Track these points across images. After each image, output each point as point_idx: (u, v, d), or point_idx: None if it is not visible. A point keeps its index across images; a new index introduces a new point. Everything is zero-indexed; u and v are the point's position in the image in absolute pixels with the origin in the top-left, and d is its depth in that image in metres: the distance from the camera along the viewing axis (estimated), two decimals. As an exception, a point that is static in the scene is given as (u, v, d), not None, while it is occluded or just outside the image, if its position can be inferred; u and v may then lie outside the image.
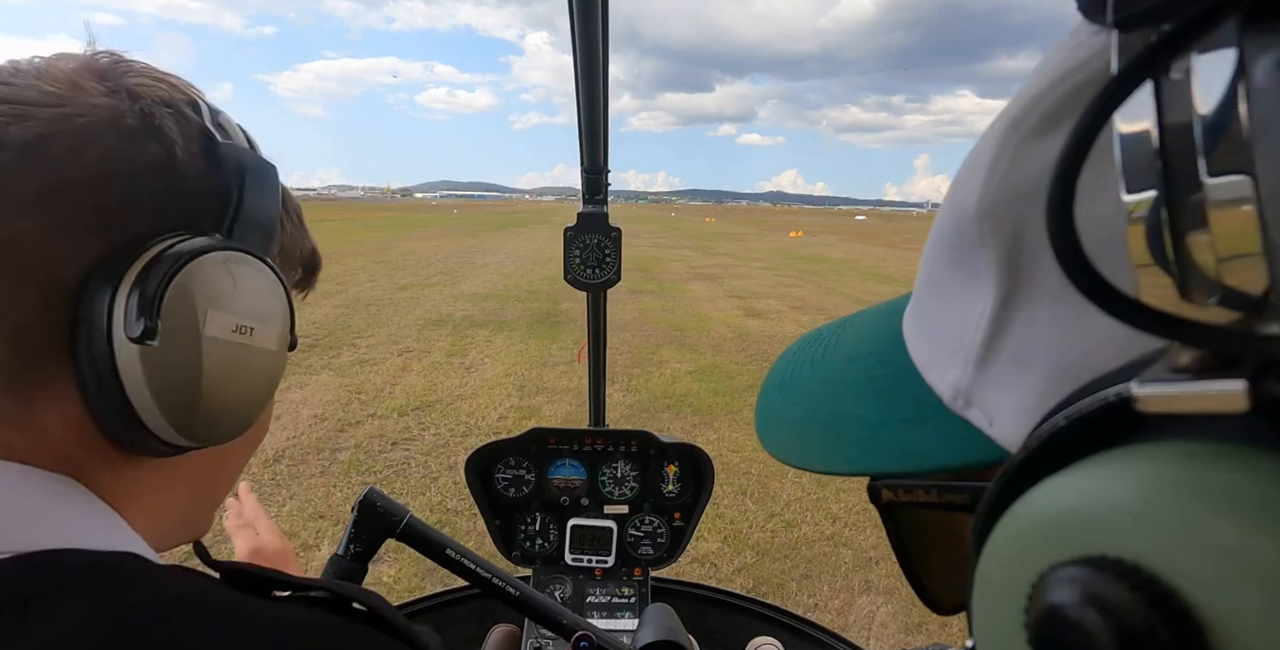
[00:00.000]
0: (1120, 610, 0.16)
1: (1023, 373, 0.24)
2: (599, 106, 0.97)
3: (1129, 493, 0.17)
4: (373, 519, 0.78)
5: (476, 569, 0.80)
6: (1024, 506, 0.20)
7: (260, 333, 0.41)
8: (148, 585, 0.34)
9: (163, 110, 0.39)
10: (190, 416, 0.38)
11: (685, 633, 1.02)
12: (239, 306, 0.39)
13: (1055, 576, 0.18)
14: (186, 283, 0.36)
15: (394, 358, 7.09)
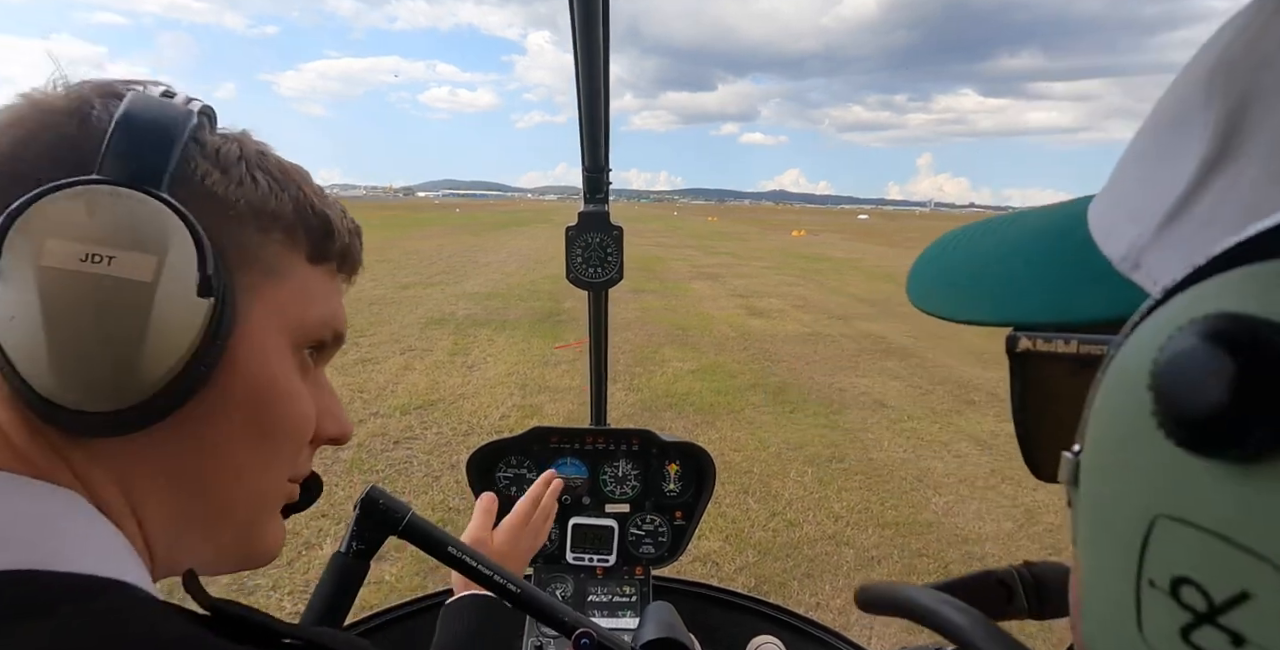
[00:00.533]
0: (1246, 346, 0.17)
1: (1204, 235, 0.25)
2: (600, 106, 0.97)
3: None
4: (375, 517, 0.78)
5: (478, 566, 0.80)
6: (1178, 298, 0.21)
7: (124, 262, 0.36)
8: (117, 621, 0.32)
9: (96, 95, 0.39)
10: (59, 363, 0.35)
11: (686, 631, 1.02)
12: (90, 234, 0.35)
13: (1188, 328, 0.19)
14: (30, 216, 0.35)
15: (396, 356, 7.10)
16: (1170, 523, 0.20)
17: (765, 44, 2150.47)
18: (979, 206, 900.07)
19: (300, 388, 0.46)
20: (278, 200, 0.44)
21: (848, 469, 4.60)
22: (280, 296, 0.44)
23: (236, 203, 0.42)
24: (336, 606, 0.75)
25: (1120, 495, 0.22)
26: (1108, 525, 0.23)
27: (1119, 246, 0.29)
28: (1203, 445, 0.19)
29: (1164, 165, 0.27)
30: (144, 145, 0.38)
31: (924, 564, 3.42)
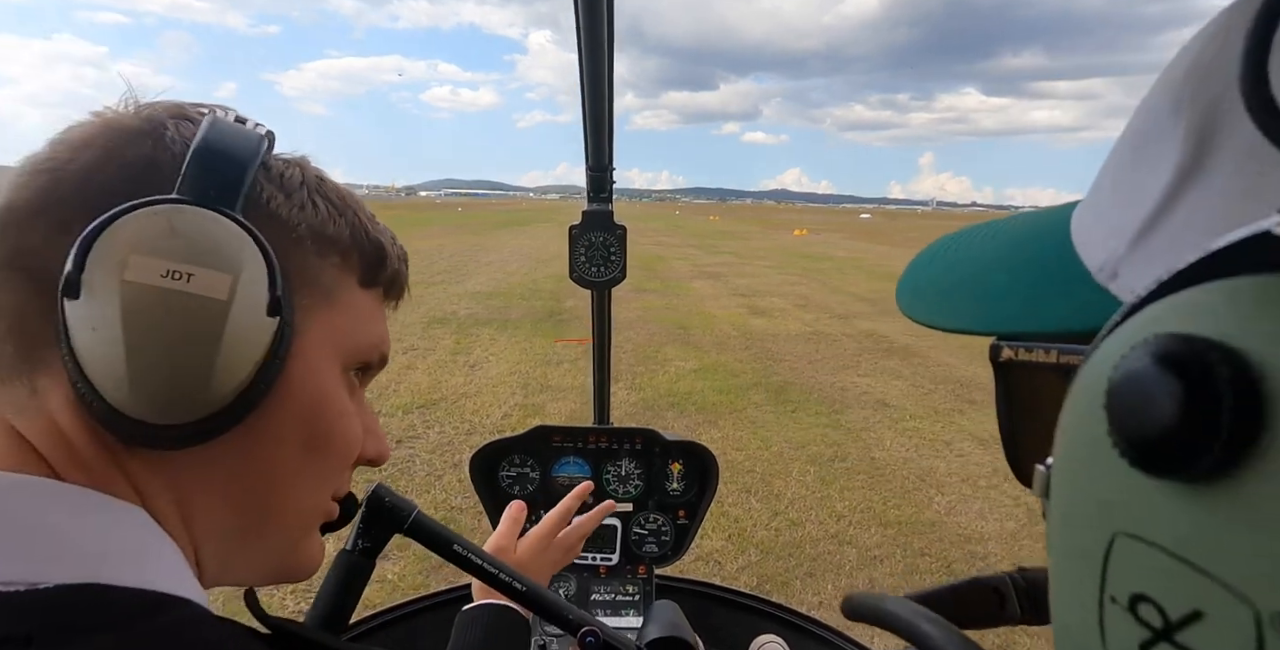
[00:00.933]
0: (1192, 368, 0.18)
1: (1177, 247, 0.25)
2: (604, 105, 0.97)
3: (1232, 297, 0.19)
4: (381, 515, 0.77)
5: (484, 564, 0.80)
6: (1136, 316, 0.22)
7: (203, 280, 0.37)
8: (184, 639, 0.33)
9: (167, 117, 0.41)
10: (134, 376, 0.36)
11: (691, 630, 1.02)
12: (172, 252, 0.37)
13: (1141, 347, 0.19)
14: (115, 232, 0.36)
15: (399, 356, 7.10)
16: (1129, 540, 0.21)
17: (767, 43, 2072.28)
18: (981, 206, 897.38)
19: (350, 407, 0.47)
20: (335, 225, 0.46)
21: (850, 468, 4.60)
22: (334, 319, 0.46)
23: (298, 226, 0.44)
24: (342, 604, 0.75)
25: (1083, 512, 0.23)
26: (1073, 541, 0.24)
27: (1097, 257, 0.30)
28: (1153, 466, 0.19)
29: (1139, 176, 0.28)
30: (221, 168, 0.40)
31: (926, 563, 3.42)
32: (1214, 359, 0.17)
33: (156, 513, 0.39)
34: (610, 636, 0.84)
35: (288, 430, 0.43)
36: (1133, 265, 0.27)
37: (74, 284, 0.35)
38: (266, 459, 0.43)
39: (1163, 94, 0.28)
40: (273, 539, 0.45)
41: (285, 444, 0.43)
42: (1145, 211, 0.27)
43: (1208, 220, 0.24)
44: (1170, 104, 0.27)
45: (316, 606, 0.74)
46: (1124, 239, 0.28)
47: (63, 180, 0.38)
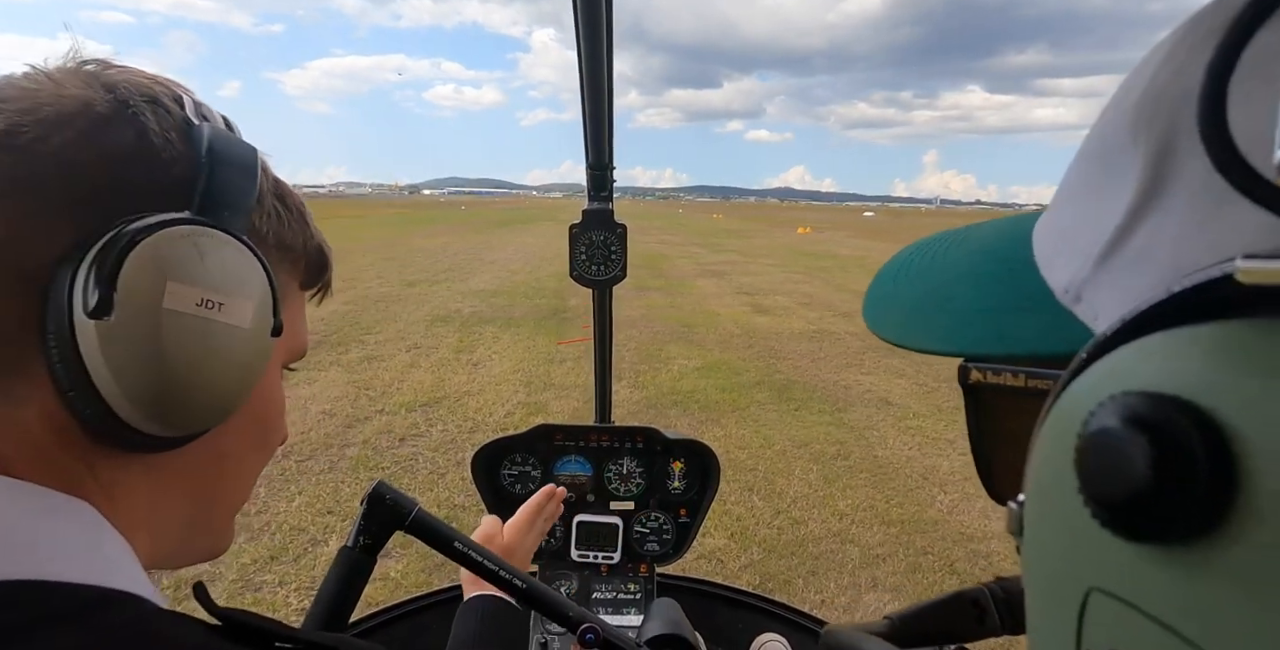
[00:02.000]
0: (1167, 433, 0.18)
1: (1138, 272, 0.25)
2: (604, 103, 0.97)
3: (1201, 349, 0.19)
4: (382, 511, 0.78)
5: (484, 561, 0.81)
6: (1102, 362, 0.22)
7: (231, 308, 0.38)
8: (137, 633, 0.33)
9: (139, 100, 0.39)
10: (155, 397, 0.36)
11: (691, 628, 1.02)
12: (205, 280, 0.37)
13: (1109, 405, 0.19)
14: (146, 254, 0.35)
15: (402, 354, 7.12)
16: (1104, 597, 0.21)
17: (770, 41, 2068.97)
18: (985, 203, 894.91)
19: (283, 399, 0.51)
20: (291, 232, 0.47)
21: (853, 467, 4.60)
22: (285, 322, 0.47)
23: (267, 235, 0.45)
24: (343, 600, 0.75)
25: (1057, 563, 0.23)
26: (1048, 588, 0.24)
27: (1061, 278, 0.29)
28: (1125, 530, 0.19)
29: (1099, 198, 0.28)
30: (236, 189, 0.41)
31: (929, 562, 3.42)
32: (1185, 422, 0.17)
33: (123, 509, 0.39)
34: (610, 633, 0.84)
35: (246, 429, 0.45)
36: (1096, 288, 0.27)
37: (106, 305, 0.34)
38: (231, 455, 0.45)
39: (1119, 117, 0.27)
40: (214, 526, 0.48)
41: (243, 441, 0.46)
42: (1106, 235, 0.27)
43: (1168, 246, 0.24)
44: (1128, 128, 0.26)
45: (318, 603, 0.75)
46: (1086, 261, 0.28)
47: (37, 161, 0.35)
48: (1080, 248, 0.28)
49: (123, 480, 0.39)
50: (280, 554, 3.29)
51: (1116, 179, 0.27)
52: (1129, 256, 0.26)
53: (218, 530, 0.48)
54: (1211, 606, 0.17)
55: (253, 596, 2.96)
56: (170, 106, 0.40)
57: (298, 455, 4.46)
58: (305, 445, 4.62)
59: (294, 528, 3.54)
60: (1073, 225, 0.30)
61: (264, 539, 3.44)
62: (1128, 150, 0.26)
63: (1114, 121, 0.28)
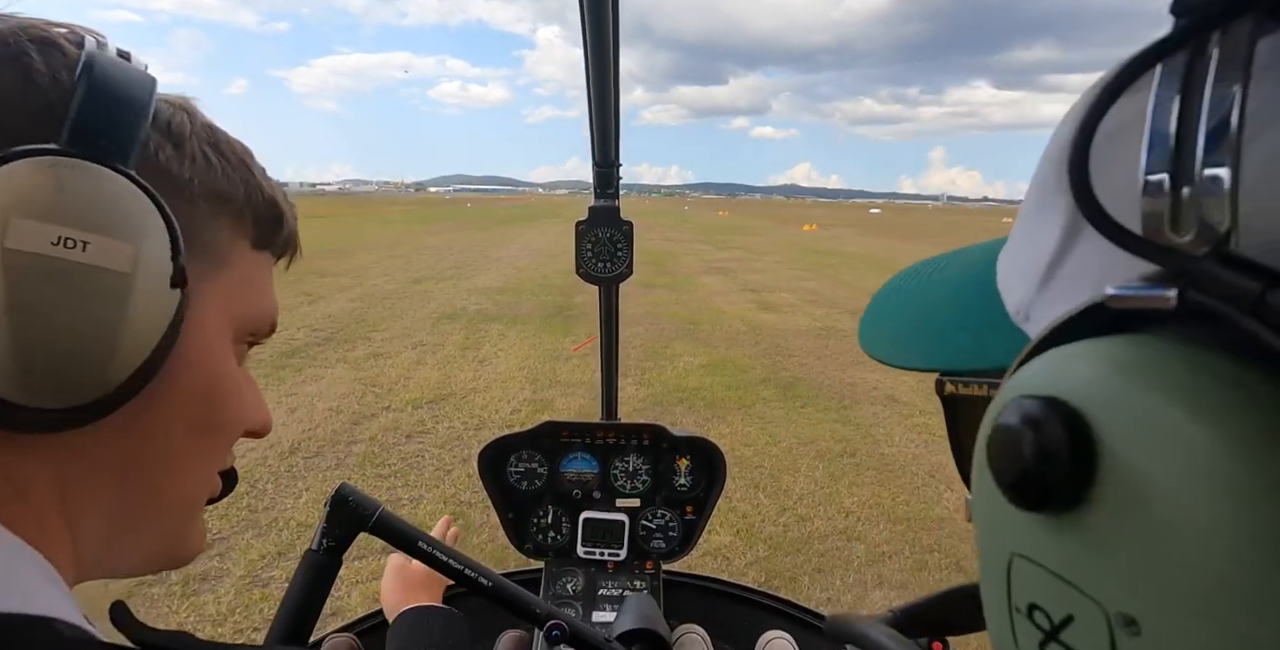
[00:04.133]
0: (1043, 427, 0.23)
1: (1071, 295, 0.28)
2: (609, 100, 0.96)
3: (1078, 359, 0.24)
4: (345, 513, 0.78)
5: (449, 561, 0.81)
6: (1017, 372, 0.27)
7: (99, 249, 0.33)
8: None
9: (25, 43, 0.35)
10: (14, 356, 0.31)
11: (664, 622, 1.02)
12: (61, 216, 0.32)
13: (1012, 405, 0.24)
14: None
15: (408, 351, 7.14)
16: (1021, 560, 0.26)
17: (776, 37, 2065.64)
18: (992, 200, 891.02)
19: (240, 381, 0.44)
20: (229, 181, 0.42)
21: (859, 464, 4.59)
22: (226, 286, 0.42)
23: (190, 182, 0.39)
24: (310, 603, 0.76)
25: (989, 535, 0.28)
26: (988, 559, 0.28)
27: (1013, 300, 0.34)
28: (1020, 502, 0.24)
29: (1039, 229, 0.32)
30: (113, 115, 0.35)
31: (935, 559, 3.41)
32: (1055, 416, 0.22)
33: (32, 499, 0.35)
34: (577, 628, 0.84)
35: (179, 408, 0.39)
36: (1039, 308, 0.31)
37: None
38: (156, 438, 0.39)
39: (1048, 162, 0.32)
40: (159, 523, 0.42)
41: (176, 422, 0.39)
42: (1044, 261, 0.31)
43: (1092, 273, 0.28)
44: (1054, 173, 0.30)
45: (284, 606, 0.75)
46: (1032, 284, 0.32)
47: None
48: (1026, 273, 0.32)
49: (27, 466, 0.35)
50: (287, 550, 3.31)
51: (1049, 215, 0.31)
52: (1063, 280, 0.30)
53: (168, 530, 0.42)
54: (1089, 559, 0.22)
55: (260, 593, 2.98)
56: (66, 47, 0.36)
57: (305, 452, 4.48)
58: (312, 442, 4.64)
59: (301, 524, 3.55)
60: (1020, 254, 0.34)
61: (271, 535, 3.45)
62: (1054, 192, 0.30)
63: (1045, 167, 0.32)
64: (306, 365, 6.54)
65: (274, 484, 4.02)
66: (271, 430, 0.50)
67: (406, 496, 3.94)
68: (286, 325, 8.17)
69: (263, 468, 4.21)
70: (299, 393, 5.69)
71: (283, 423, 4.96)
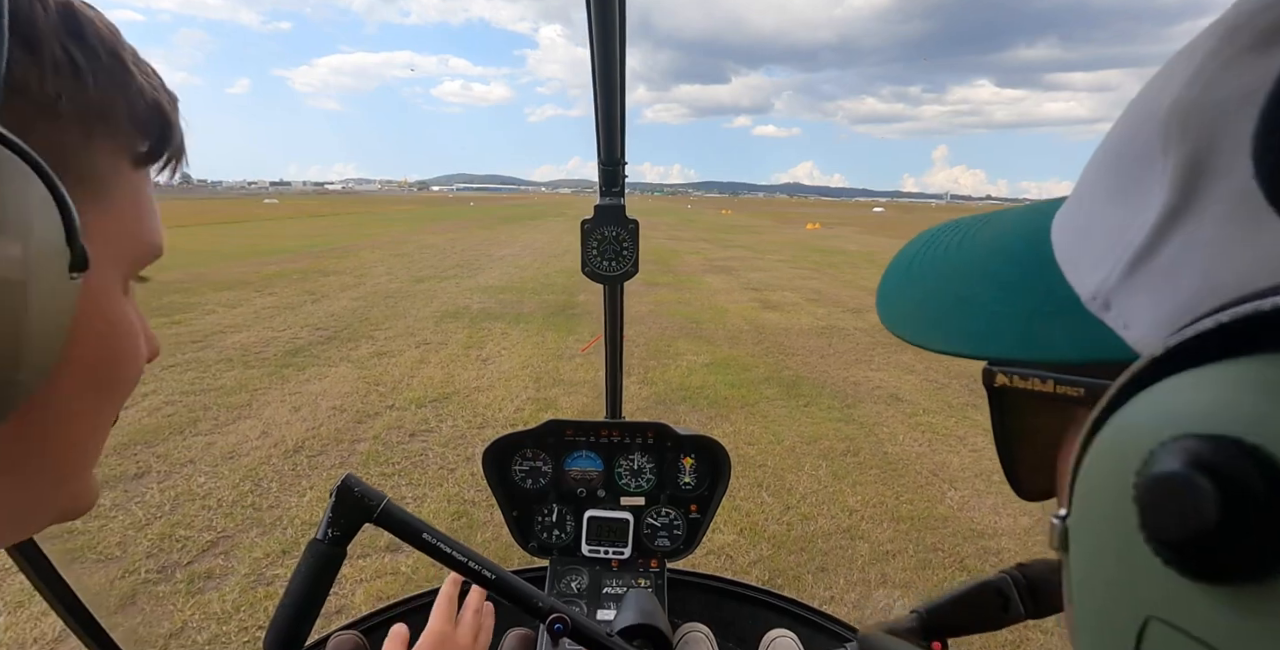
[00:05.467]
0: (1232, 477, 0.18)
1: (1171, 284, 0.25)
2: (616, 99, 0.96)
3: (1258, 387, 0.19)
4: (350, 504, 0.79)
5: (453, 553, 0.82)
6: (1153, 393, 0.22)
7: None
8: None
9: None
10: None
11: (665, 618, 1.02)
12: None
13: (1171, 447, 0.19)
14: None
15: (412, 350, 7.14)
16: (1164, 626, 0.21)
17: (778, 35, 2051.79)
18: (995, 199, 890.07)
19: (135, 326, 0.37)
20: (103, 90, 0.32)
21: (862, 463, 4.59)
22: (108, 221, 0.34)
23: (56, 99, 0.30)
24: (313, 592, 0.76)
25: (1113, 589, 0.23)
26: (1102, 611, 0.24)
27: (1088, 284, 0.29)
28: (1188, 570, 0.19)
29: (1127, 205, 0.27)
30: None
31: (939, 558, 3.41)
32: (1247, 466, 0.18)
33: None
34: (579, 622, 0.84)
35: (77, 376, 0.33)
36: (1125, 296, 0.27)
37: None
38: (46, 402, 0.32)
39: (1143, 126, 0.27)
40: (53, 481, 0.36)
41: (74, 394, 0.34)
42: (1135, 244, 0.26)
43: (1201, 261, 0.24)
44: (1157, 139, 0.26)
45: (288, 595, 0.76)
46: (1115, 269, 0.27)
47: None
48: (1106, 254, 0.28)
49: None
50: (291, 548, 3.32)
51: (1144, 188, 0.26)
52: (1160, 267, 0.25)
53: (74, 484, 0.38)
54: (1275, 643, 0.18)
55: (264, 591, 2.98)
56: None
57: (309, 451, 4.49)
58: (316, 441, 4.65)
59: (305, 522, 3.56)
60: (1098, 229, 0.29)
61: (275, 533, 3.46)
62: (1156, 161, 0.26)
63: (1140, 129, 0.27)
64: (310, 364, 6.55)
65: (278, 483, 4.02)
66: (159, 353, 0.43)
67: (410, 495, 3.94)
68: (290, 324, 8.19)
69: (266, 466, 4.22)
70: (303, 392, 5.70)
71: (286, 421, 4.97)
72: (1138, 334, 0.26)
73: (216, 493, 3.89)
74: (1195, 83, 0.24)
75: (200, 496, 3.85)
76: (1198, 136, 0.24)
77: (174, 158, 0.39)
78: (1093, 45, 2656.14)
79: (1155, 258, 0.25)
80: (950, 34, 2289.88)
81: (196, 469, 4.20)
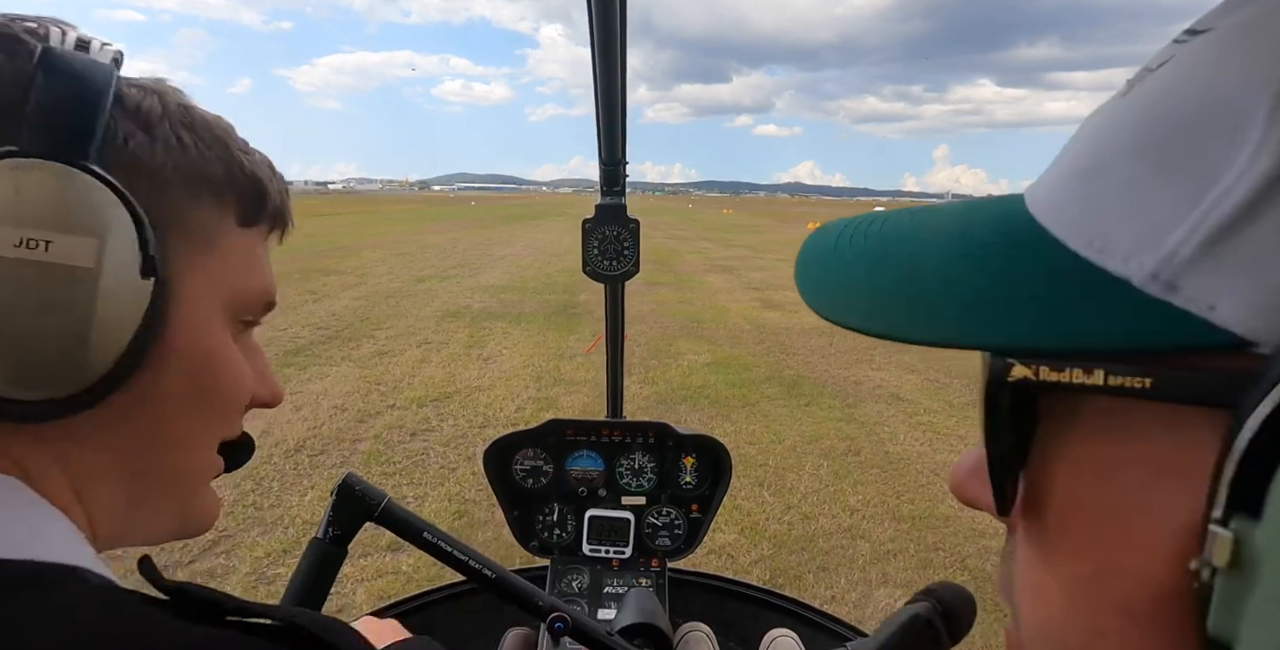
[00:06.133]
0: None
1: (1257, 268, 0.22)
2: (617, 98, 0.96)
3: None
4: (351, 502, 0.79)
5: (453, 551, 0.82)
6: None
7: (62, 247, 0.34)
8: (86, 607, 0.32)
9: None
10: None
11: (665, 617, 1.02)
12: (20, 217, 0.33)
13: None
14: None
15: (413, 349, 7.15)
16: None
17: (779, 34, 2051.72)
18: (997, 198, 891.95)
19: (237, 357, 0.45)
20: (206, 161, 0.42)
21: (863, 462, 4.59)
22: (214, 266, 0.43)
23: (163, 167, 0.40)
24: (314, 591, 0.77)
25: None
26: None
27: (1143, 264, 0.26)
28: None
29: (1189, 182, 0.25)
30: (69, 110, 0.36)
31: (940, 558, 3.41)
32: None
33: (44, 484, 0.37)
34: (580, 621, 0.84)
35: (173, 390, 0.40)
36: (1204, 276, 0.24)
37: None
38: (154, 421, 0.40)
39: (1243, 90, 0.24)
40: (168, 497, 0.44)
41: (171, 404, 0.41)
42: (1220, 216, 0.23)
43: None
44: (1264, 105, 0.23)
45: (289, 592, 0.76)
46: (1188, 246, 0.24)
47: None
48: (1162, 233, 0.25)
49: (35, 453, 0.37)
50: (293, 547, 3.32)
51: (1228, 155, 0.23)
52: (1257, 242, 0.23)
53: (178, 502, 0.45)
54: None
55: (266, 590, 2.99)
56: (28, 42, 0.36)
57: (310, 450, 4.49)
58: (317, 440, 4.65)
59: (306, 521, 3.56)
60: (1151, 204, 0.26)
61: (277, 532, 3.47)
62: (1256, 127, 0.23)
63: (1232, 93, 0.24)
64: (311, 363, 6.55)
65: (279, 482, 4.03)
66: (282, 400, 0.51)
67: (411, 494, 3.95)
68: (291, 323, 8.19)
69: (268, 465, 4.22)
70: (304, 391, 5.70)
71: (288, 421, 4.97)
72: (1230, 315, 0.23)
73: (218, 492, 3.89)
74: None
75: (202, 496, 3.85)
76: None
77: (279, 222, 0.50)
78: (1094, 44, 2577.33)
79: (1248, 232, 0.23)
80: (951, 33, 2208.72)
81: (198, 468, 4.20)
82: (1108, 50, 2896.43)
